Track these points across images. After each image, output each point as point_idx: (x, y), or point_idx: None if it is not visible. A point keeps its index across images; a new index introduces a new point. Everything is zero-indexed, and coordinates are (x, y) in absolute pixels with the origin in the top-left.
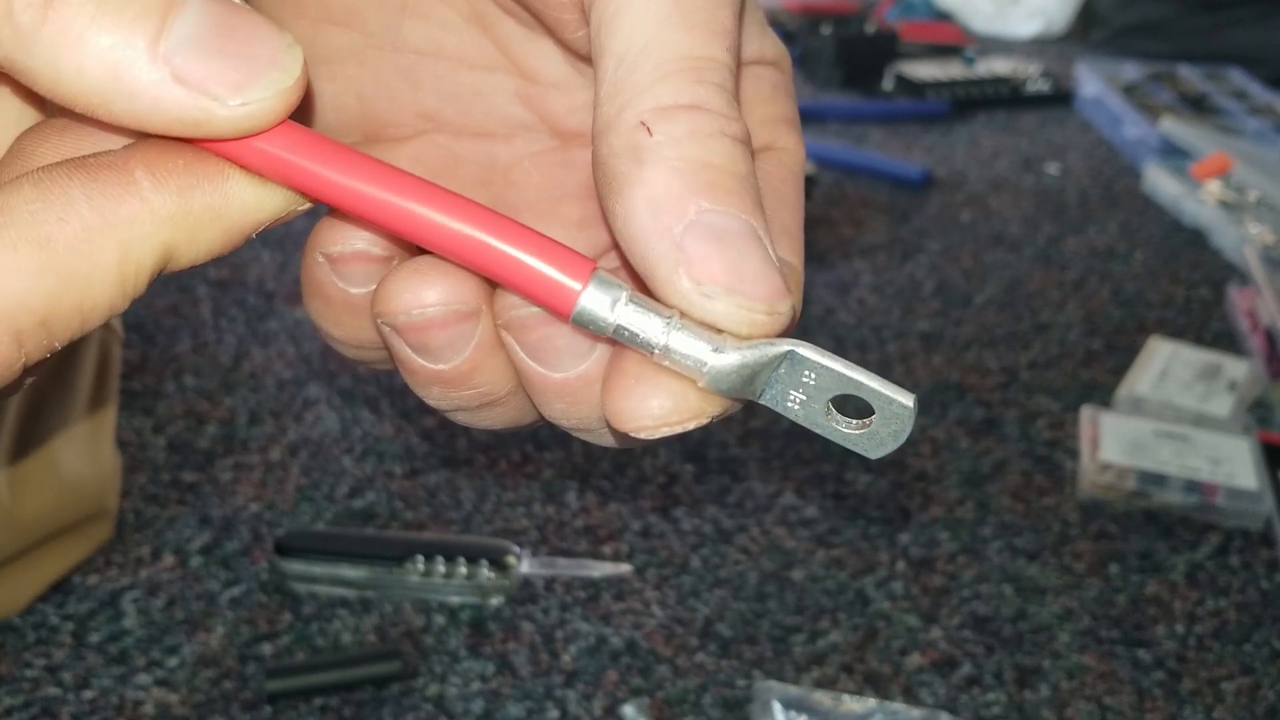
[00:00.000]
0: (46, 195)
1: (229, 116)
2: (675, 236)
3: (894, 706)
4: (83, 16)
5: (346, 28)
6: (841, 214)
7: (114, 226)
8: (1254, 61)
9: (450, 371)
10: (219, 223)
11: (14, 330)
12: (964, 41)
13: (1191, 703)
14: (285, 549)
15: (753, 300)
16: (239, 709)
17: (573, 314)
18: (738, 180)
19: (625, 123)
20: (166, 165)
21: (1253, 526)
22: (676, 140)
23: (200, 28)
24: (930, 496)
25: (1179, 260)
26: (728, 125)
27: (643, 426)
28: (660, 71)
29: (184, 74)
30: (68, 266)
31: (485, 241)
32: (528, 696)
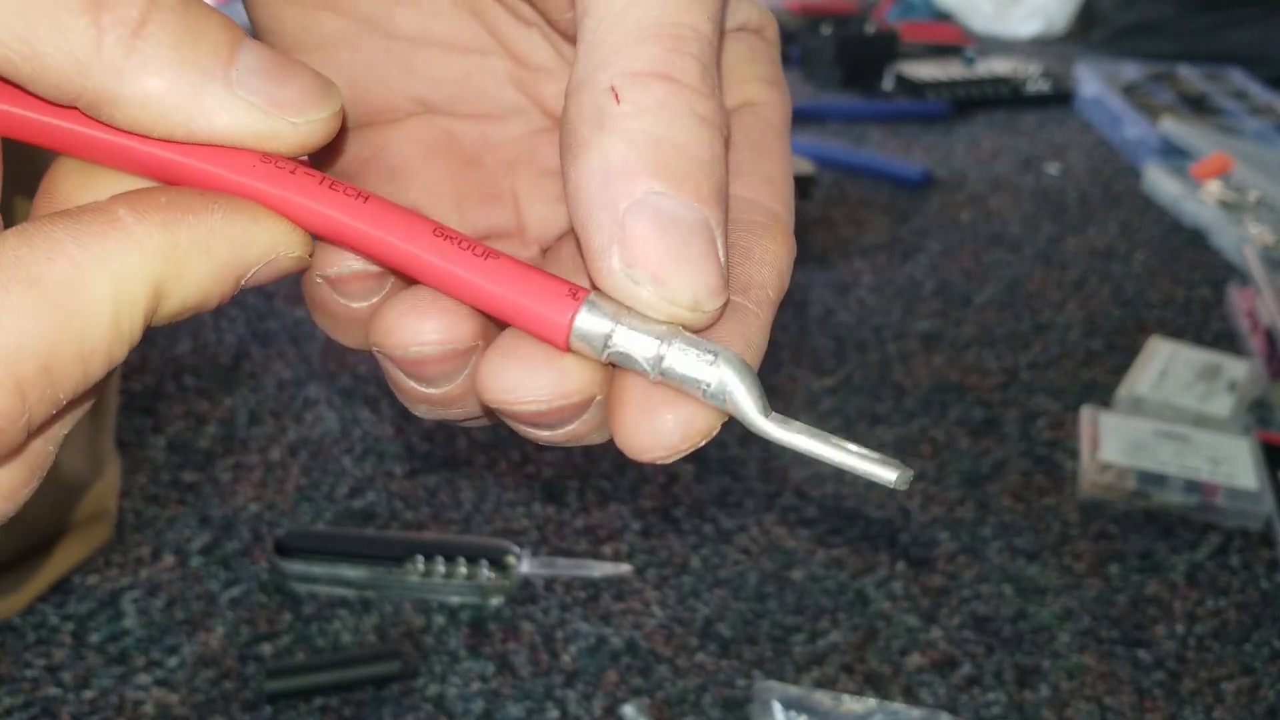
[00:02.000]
0: (31, 240)
1: (293, 133)
2: (618, 212)
3: (894, 706)
4: (166, 46)
5: (338, 14)
6: (841, 214)
7: (102, 260)
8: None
9: (441, 395)
10: (207, 257)
11: (16, 378)
12: (964, 41)
13: (1191, 703)
14: (285, 549)
15: (677, 294)
16: (239, 709)
17: (570, 343)
18: (698, 165)
19: (595, 84)
20: (148, 203)
21: (1253, 526)
22: (642, 111)
23: (259, 62)
24: (930, 496)
25: (1179, 260)
26: (698, 103)
27: (657, 456)
28: (636, 34)
29: (255, 95)
30: (61, 303)
31: (477, 283)
32: (528, 696)
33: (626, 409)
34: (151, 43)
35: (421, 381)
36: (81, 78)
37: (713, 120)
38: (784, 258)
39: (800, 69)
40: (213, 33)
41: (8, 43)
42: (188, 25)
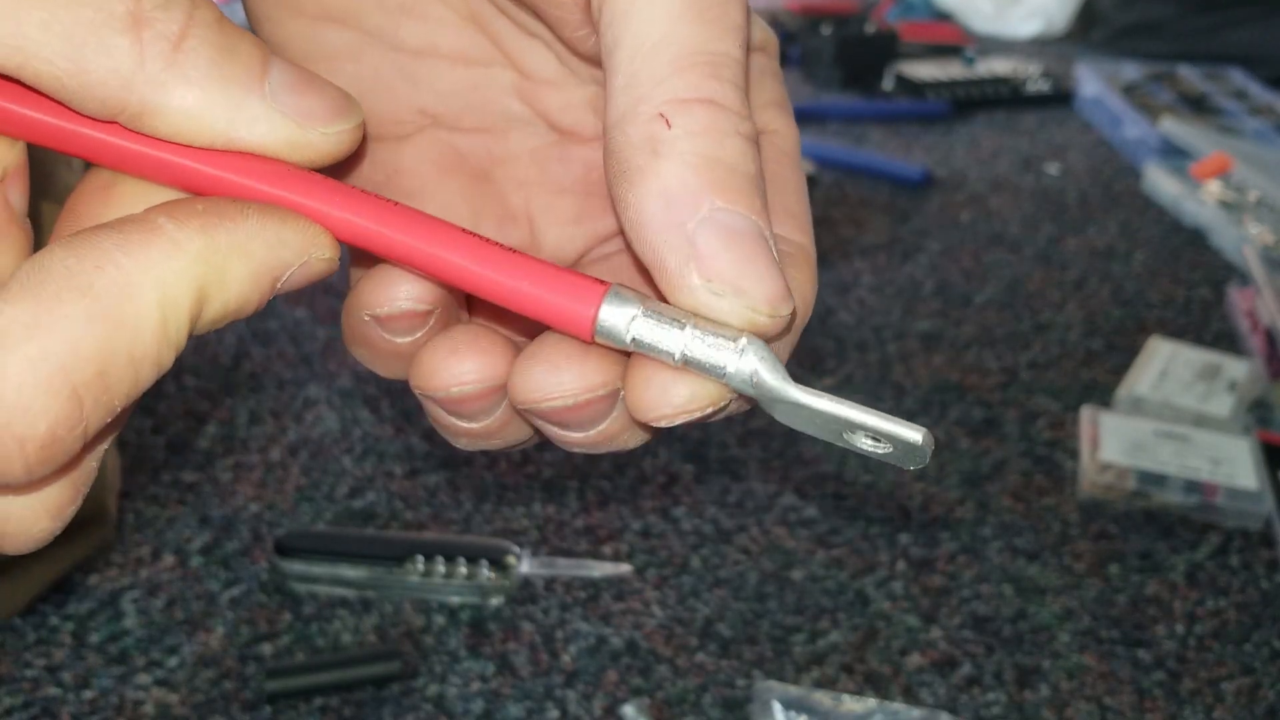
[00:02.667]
0: (79, 251)
1: (324, 142)
2: (688, 232)
3: (894, 706)
4: (205, 59)
5: (344, 26)
6: (841, 214)
7: (148, 267)
8: (1254, 61)
9: (480, 429)
10: (246, 259)
11: (72, 385)
12: (964, 41)
13: (1191, 703)
14: (285, 549)
15: (757, 302)
16: (239, 709)
17: (595, 334)
18: (748, 180)
19: (642, 115)
20: (186, 210)
21: (1253, 526)
22: (693, 135)
23: (288, 77)
24: (930, 496)
25: (1179, 260)
26: (741, 124)
27: (663, 415)
28: (676, 65)
29: (287, 107)
30: (113, 309)
31: (504, 281)
32: (528, 696)
33: (640, 370)
34: (191, 57)
35: (462, 417)
36: (125, 92)
37: (752, 138)
38: (809, 288)
39: (800, 69)
40: (245, 49)
41: (55, 62)
42: (223, 41)
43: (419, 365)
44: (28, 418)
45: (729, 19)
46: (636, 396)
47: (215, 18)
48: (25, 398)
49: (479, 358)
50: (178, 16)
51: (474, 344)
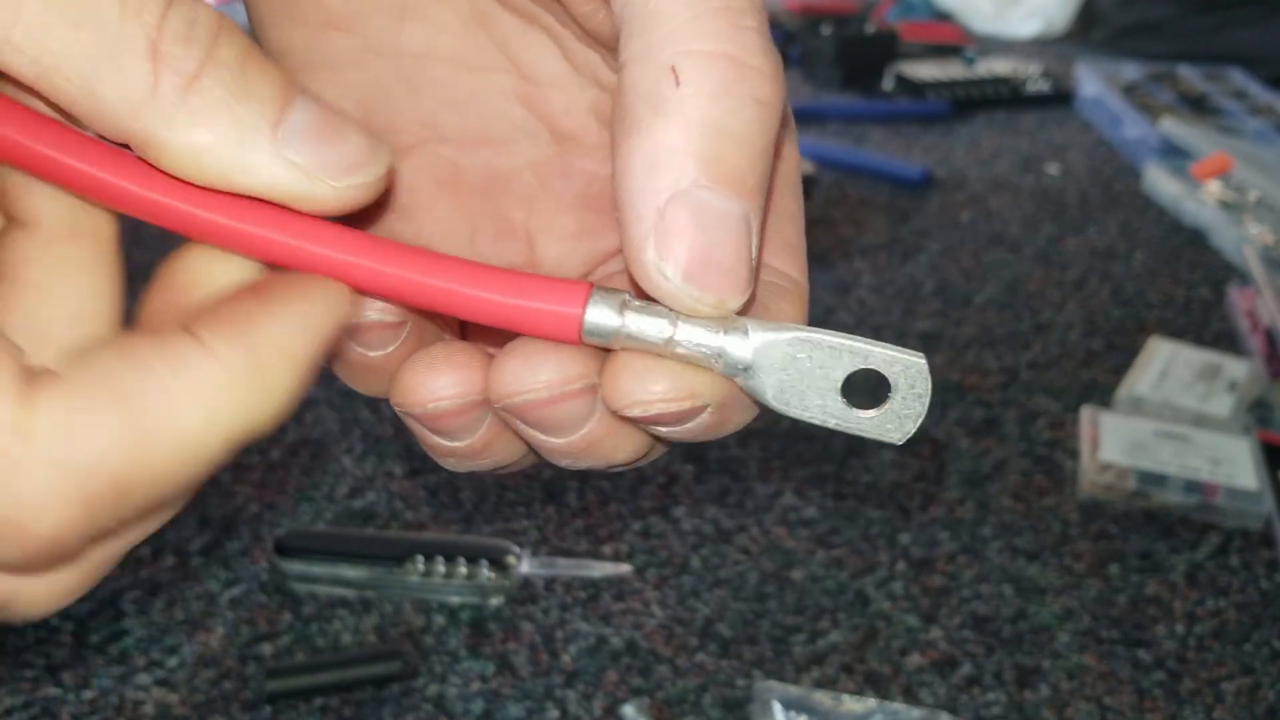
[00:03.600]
0: (127, 359)
1: (329, 196)
2: (659, 202)
3: (894, 706)
4: (217, 100)
5: (346, 32)
6: (841, 214)
7: (191, 387)
8: (1254, 61)
9: (465, 448)
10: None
11: (87, 495)
12: (964, 41)
13: (1191, 703)
14: (285, 549)
15: (703, 291)
16: (239, 709)
17: (582, 335)
18: (750, 156)
19: (656, 61)
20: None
21: (1253, 526)
22: (702, 96)
23: (310, 119)
24: (930, 496)
25: (1179, 260)
26: (761, 86)
27: (637, 402)
28: (697, 7)
29: (297, 155)
30: (148, 429)
31: (482, 297)
32: (528, 696)
33: (616, 360)
34: (204, 95)
35: (445, 435)
36: (133, 121)
37: (772, 103)
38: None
39: (800, 69)
40: (267, 89)
41: (70, 77)
42: (242, 80)
43: (398, 381)
44: (34, 514)
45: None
46: (612, 385)
47: (238, 56)
48: (37, 497)
49: (456, 372)
50: (196, 53)
51: (451, 359)
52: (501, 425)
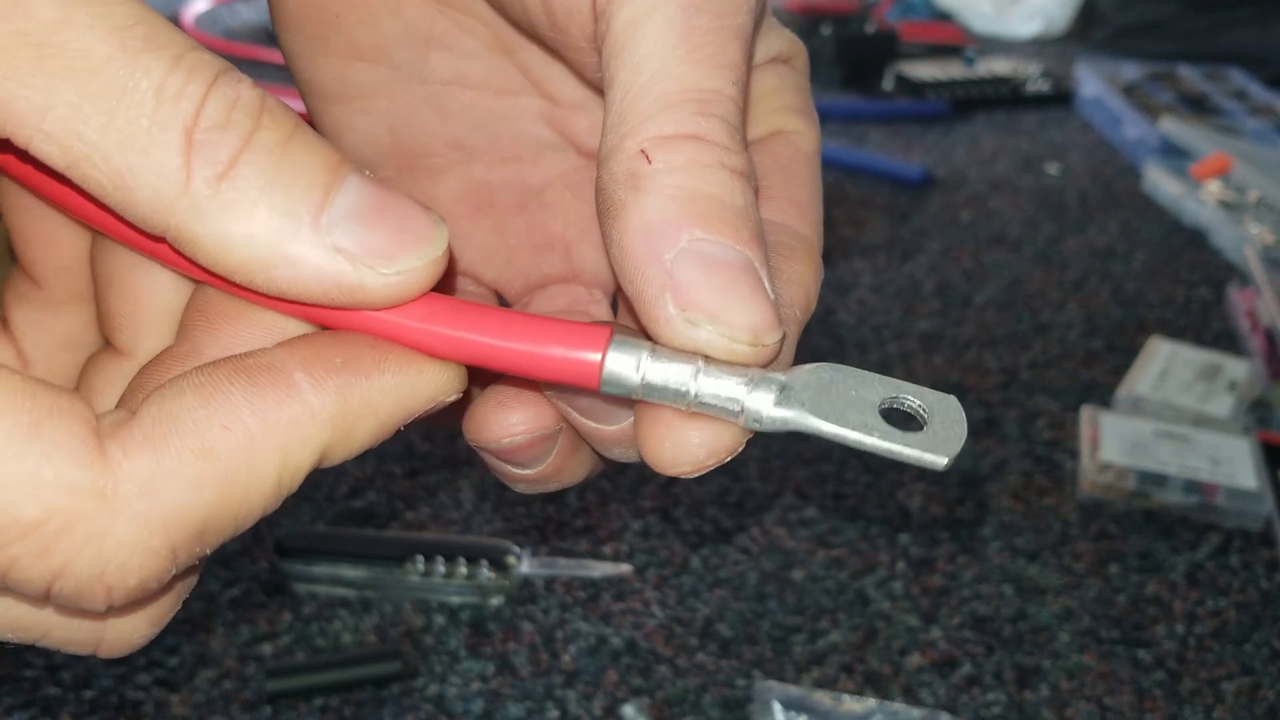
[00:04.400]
0: (209, 402)
1: (382, 285)
2: (665, 263)
3: (894, 706)
4: (253, 189)
5: (374, 63)
6: (841, 214)
7: (275, 432)
8: (1254, 61)
9: (536, 474)
10: (374, 418)
11: (171, 543)
12: (964, 41)
13: (1191, 703)
14: (285, 549)
15: (736, 329)
16: (239, 709)
17: (600, 385)
18: (734, 212)
19: (626, 150)
20: (324, 364)
21: (1253, 526)
22: (674, 169)
23: (358, 202)
24: (930, 496)
25: (1179, 260)
26: (727, 157)
27: (683, 471)
28: (664, 102)
29: (344, 245)
30: (229, 474)
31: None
32: (528, 696)
33: (654, 426)
34: (239, 185)
35: (517, 465)
36: (165, 215)
37: (743, 172)
38: (811, 279)
39: None
40: (310, 172)
41: (102, 169)
42: (283, 165)
43: (471, 419)
44: (122, 571)
45: (724, 56)
46: (653, 451)
47: (280, 139)
48: (124, 553)
49: (526, 409)
50: (232, 141)
51: (520, 396)
52: (571, 450)
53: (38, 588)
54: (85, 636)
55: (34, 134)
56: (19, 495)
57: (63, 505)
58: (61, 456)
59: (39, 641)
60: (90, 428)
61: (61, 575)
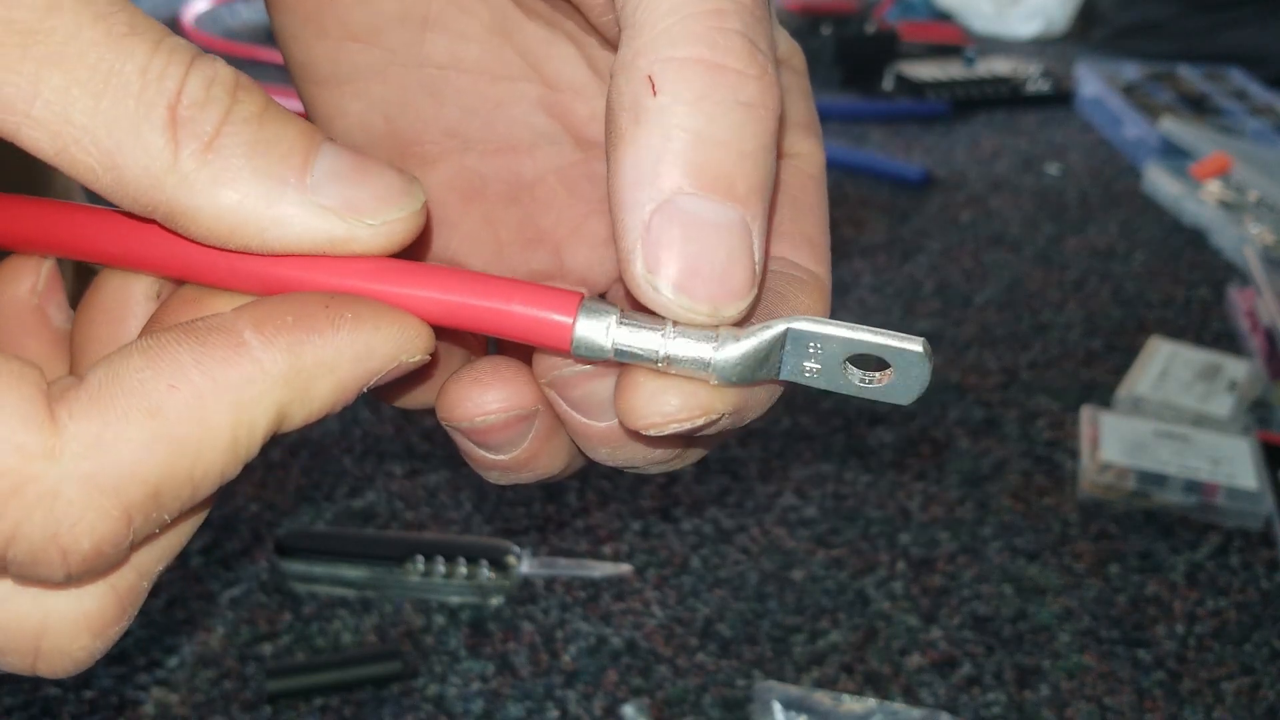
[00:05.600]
0: (155, 362)
1: (371, 235)
2: (645, 215)
3: (894, 706)
4: (238, 157)
5: (369, 45)
6: (841, 214)
7: (225, 390)
8: (1254, 61)
9: (510, 460)
10: (331, 376)
11: (124, 504)
12: (964, 41)
13: (1191, 703)
14: (285, 549)
15: (696, 300)
16: (239, 709)
17: (571, 347)
18: (739, 160)
19: (636, 70)
20: (275, 323)
21: (1253, 526)
22: (679, 105)
23: (337, 165)
24: (930, 496)
25: (1179, 260)
26: (744, 88)
27: (652, 424)
28: (680, 12)
29: (329, 203)
30: (179, 434)
31: (475, 304)
32: (528, 696)
33: (630, 378)
34: (224, 154)
35: (491, 449)
36: (157, 191)
37: (761, 103)
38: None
39: None
40: (289, 139)
41: (92, 152)
42: (262, 134)
43: (444, 396)
44: (74, 532)
45: None
46: (626, 403)
47: (256, 111)
48: (74, 513)
49: (503, 387)
50: (214, 114)
51: (497, 373)
52: (547, 436)
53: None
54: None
55: (22, 121)
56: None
57: (10, 466)
58: (8, 419)
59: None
60: (39, 390)
61: (14, 539)
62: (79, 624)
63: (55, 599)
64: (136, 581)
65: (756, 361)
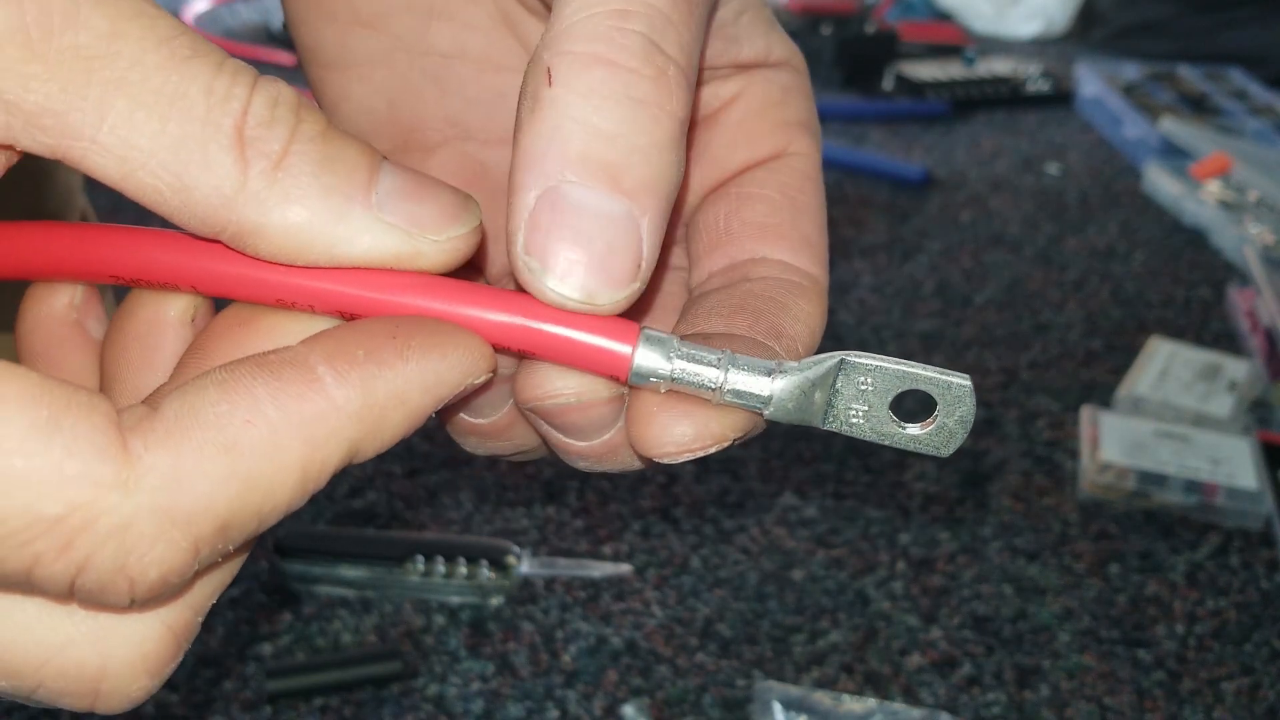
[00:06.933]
0: (231, 395)
1: (437, 251)
2: (530, 197)
3: (894, 706)
4: (306, 175)
5: (375, 31)
6: (841, 214)
7: (300, 426)
8: (1254, 61)
9: (488, 426)
10: (403, 408)
11: (193, 537)
12: (964, 41)
13: (1191, 703)
14: (285, 549)
15: (569, 286)
16: (239, 709)
17: (629, 376)
18: (628, 154)
19: (539, 61)
20: (346, 357)
21: (1253, 526)
22: (572, 95)
23: (399, 183)
24: (930, 496)
25: (1179, 260)
26: (636, 86)
27: (666, 453)
28: (586, 10)
29: (394, 217)
30: (253, 470)
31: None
32: (528, 696)
33: (642, 405)
34: (293, 173)
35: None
36: (227, 211)
37: (655, 102)
38: (817, 319)
39: None
40: (352, 158)
41: (160, 175)
42: (328, 153)
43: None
44: (143, 563)
45: None
46: (638, 432)
47: (320, 130)
48: (145, 545)
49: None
50: (281, 134)
51: None
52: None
53: (61, 584)
54: (81, 687)
55: (89, 147)
56: (41, 491)
57: (85, 499)
58: (83, 450)
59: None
60: (111, 421)
61: (84, 570)
62: (137, 666)
63: (114, 643)
64: (191, 619)
65: (808, 395)
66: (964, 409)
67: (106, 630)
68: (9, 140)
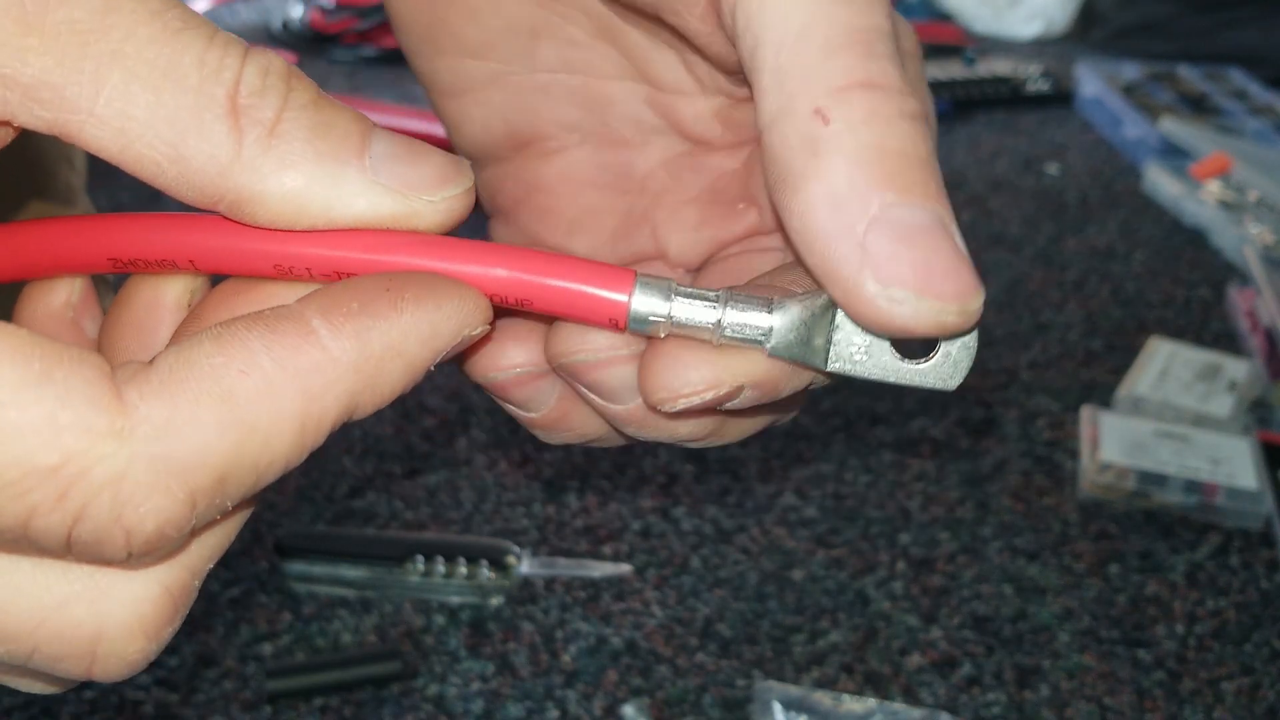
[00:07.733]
0: (227, 348)
1: (432, 210)
2: (858, 236)
3: (894, 706)
4: (300, 140)
5: (483, 60)
6: None
7: (295, 377)
8: (1254, 61)
9: (541, 419)
10: (400, 359)
11: (190, 488)
12: (964, 42)
13: (1191, 703)
14: (285, 549)
15: (943, 301)
16: (239, 709)
17: (627, 322)
18: (921, 165)
19: (798, 111)
20: (340, 310)
21: (1253, 526)
22: (855, 126)
23: (391, 148)
24: (930, 496)
25: (1179, 260)
26: (905, 103)
27: (667, 399)
28: (826, 50)
29: (389, 180)
30: (250, 420)
31: (531, 280)
32: (528, 696)
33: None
34: (287, 139)
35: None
36: (222, 180)
37: (921, 116)
38: None
39: None
40: (344, 124)
41: (156, 146)
42: (320, 119)
43: (467, 354)
44: (139, 513)
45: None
46: (643, 381)
47: (311, 98)
48: (140, 495)
49: (518, 346)
50: (273, 102)
51: (513, 334)
52: (575, 398)
53: (58, 536)
54: (77, 649)
55: (86, 120)
56: (36, 441)
57: (80, 448)
58: (76, 400)
59: (29, 659)
60: (104, 374)
61: (81, 520)
62: (134, 627)
63: (111, 604)
64: (189, 580)
65: (808, 331)
66: (965, 340)
67: (103, 590)
68: (7, 116)
